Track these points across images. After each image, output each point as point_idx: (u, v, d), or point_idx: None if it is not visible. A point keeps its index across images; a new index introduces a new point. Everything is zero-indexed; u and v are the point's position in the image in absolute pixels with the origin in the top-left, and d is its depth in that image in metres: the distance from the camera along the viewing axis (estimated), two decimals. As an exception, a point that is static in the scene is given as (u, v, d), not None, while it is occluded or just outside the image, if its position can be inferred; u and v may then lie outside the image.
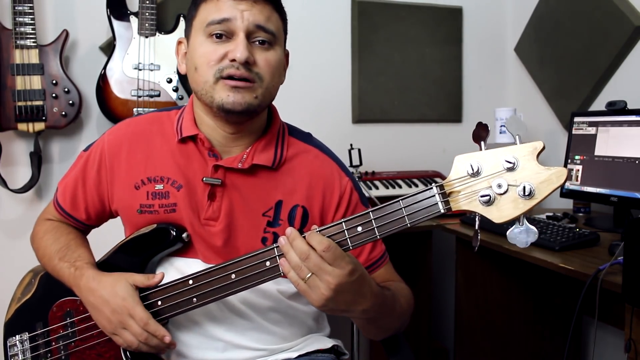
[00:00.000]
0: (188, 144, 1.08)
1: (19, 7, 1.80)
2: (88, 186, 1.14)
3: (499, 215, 0.80)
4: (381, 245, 1.14)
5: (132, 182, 1.09)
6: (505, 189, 0.79)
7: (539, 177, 0.78)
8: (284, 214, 1.07)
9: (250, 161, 1.06)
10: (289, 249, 0.87)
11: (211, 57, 0.98)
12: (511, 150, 0.80)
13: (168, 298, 1.01)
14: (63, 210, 1.17)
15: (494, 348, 2.00)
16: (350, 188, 1.12)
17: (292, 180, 1.09)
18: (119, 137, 1.13)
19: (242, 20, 0.98)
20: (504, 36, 2.57)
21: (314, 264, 0.84)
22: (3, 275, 1.95)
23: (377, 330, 1.08)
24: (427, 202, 0.84)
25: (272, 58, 1.01)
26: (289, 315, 1.13)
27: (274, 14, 1.02)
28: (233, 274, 0.95)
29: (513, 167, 0.79)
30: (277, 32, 1.02)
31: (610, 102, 1.78)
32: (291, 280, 0.87)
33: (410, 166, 2.37)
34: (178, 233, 1.06)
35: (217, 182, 1.05)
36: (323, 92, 2.32)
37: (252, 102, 0.99)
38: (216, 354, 1.08)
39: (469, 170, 0.81)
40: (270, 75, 1.01)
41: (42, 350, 1.12)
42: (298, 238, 0.86)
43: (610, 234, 1.63)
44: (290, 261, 0.86)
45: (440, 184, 0.83)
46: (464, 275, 1.97)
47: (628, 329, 1.17)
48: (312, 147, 1.14)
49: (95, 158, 1.13)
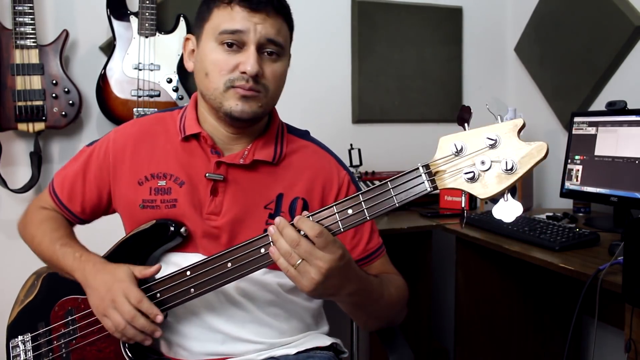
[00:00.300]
0: (191, 141, 1.12)
1: (19, 7, 1.80)
2: (88, 181, 1.17)
3: (484, 192, 0.82)
4: (378, 238, 1.18)
5: (135, 178, 1.12)
6: (488, 166, 0.81)
7: (520, 153, 0.80)
8: (285, 206, 1.11)
9: (252, 157, 1.10)
10: (278, 237, 0.88)
11: (223, 67, 1.02)
12: (493, 128, 0.82)
13: (167, 290, 1.03)
14: (59, 200, 1.20)
15: (494, 348, 2.00)
16: (348, 180, 1.17)
17: (292, 174, 1.13)
18: (125, 137, 1.16)
19: (254, 34, 1.01)
20: (504, 36, 2.57)
21: (304, 250, 0.86)
22: (3, 275, 1.95)
23: (367, 317, 1.10)
24: (414, 182, 0.86)
25: (279, 69, 1.06)
26: (288, 310, 1.15)
27: (284, 26, 1.06)
28: (229, 262, 0.97)
29: (495, 144, 0.81)
30: (285, 43, 1.07)
31: (610, 102, 1.78)
32: (281, 267, 0.89)
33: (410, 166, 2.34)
34: (176, 228, 1.08)
35: (219, 177, 1.09)
36: (323, 92, 2.32)
37: (257, 111, 1.04)
38: (215, 346, 1.10)
39: (453, 149, 0.83)
40: (275, 86, 1.06)
41: (43, 349, 1.13)
42: (287, 226, 0.88)
43: (610, 234, 1.62)
44: (280, 248, 0.88)
45: (426, 163, 0.86)
46: (464, 275, 1.97)
47: (628, 329, 1.17)
48: (310, 143, 1.19)
49: (99, 155, 1.17)
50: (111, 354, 1.09)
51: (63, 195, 1.20)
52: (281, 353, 1.13)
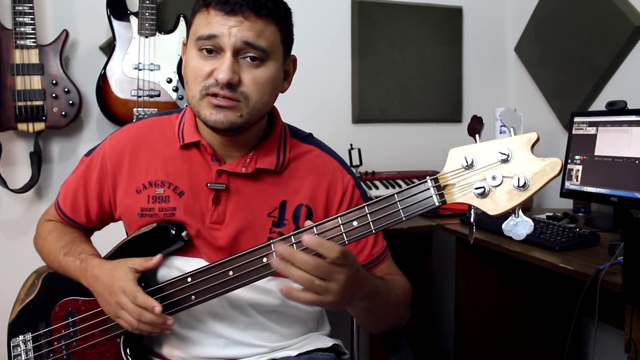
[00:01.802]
0: (191, 149, 1.09)
1: (19, 7, 1.80)
2: (89, 191, 1.15)
3: (494, 208, 0.79)
4: (382, 241, 1.15)
5: (134, 186, 1.10)
6: (499, 181, 0.79)
7: (533, 168, 0.77)
8: (288, 213, 1.08)
9: (254, 165, 1.06)
10: (287, 267, 0.84)
11: (198, 73, 0.97)
12: (505, 142, 0.79)
13: (167, 295, 1.01)
14: (64, 214, 1.18)
15: (494, 348, 2.00)
16: (353, 185, 1.13)
17: (295, 181, 1.09)
18: (121, 143, 1.13)
19: (229, 37, 0.94)
20: (504, 36, 2.57)
21: (324, 271, 0.83)
22: (3, 275, 1.95)
23: (376, 321, 1.09)
24: (422, 196, 0.84)
25: (261, 75, 0.98)
26: (290, 315, 1.14)
27: (269, 28, 0.97)
28: (231, 270, 0.95)
29: (507, 159, 0.78)
30: (271, 46, 0.98)
31: (610, 102, 1.78)
32: (298, 299, 0.86)
33: (410, 166, 2.37)
34: (177, 232, 1.06)
35: (221, 187, 1.06)
36: (323, 92, 2.31)
37: (235, 121, 0.97)
38: (217, 350, 1.09)
39: (463, 162, 0.81)
40: (258, 94, 0.98)
41: (44, 350, 1.13)
42: (297, 253, 0.84)
43: (610, 234, 1.62)
44: (292, 276, 0.84)
45: (435, 177, 0.83)
46: (464, 275, 1.97)
47: (628, 329, 1.17)
48: (314, 147, 1.15)
49: (96, 164, 1.13)
50: (112, 358, 1.08)
51: (67, 208, 1.17)
52: (282, 355, 1.13)
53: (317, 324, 1.21)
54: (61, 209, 1.18)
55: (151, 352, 1.13)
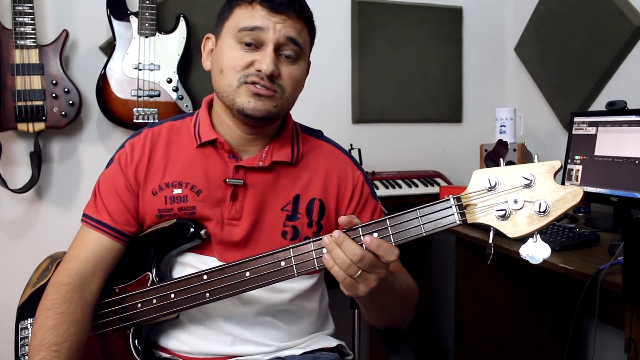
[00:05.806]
0: (207, 148, 1.11)
1: (19, 7, 1.80)
2: (123, 198, 1.11)
3: (514, 231, 0.82)
4: None
5: (149, 189, 1.11)
6: (521, 205, 0.81)
7: (555, 195, 0.79)
8: (302, 207, 1.12)
9: (270, 158, 1.10)
10: (334, 247, 0.88)
11: (238, 63, 1.02)
12: (529, 167, 0.82)
13: (182, 291, 1.03)
14: (105, 225, 1.10)
15: (494, 348, 2.00)
16: (362, 181, 1.18)
17: (308, 175, 1.13)
18: (140, 148, 1.12)
19: (273, 32, 1.01)
20: (504, 36, 2.57)
21: (368, 263, 0.87)
22: (3, 275, 1.95)
23: (379, 312, 1.09)
24: (443, 213, 0.86)
25: (296, 72, 1.06)
26: (298, 313, 1.15)
27: (305, 30, 1.07)
28: (247, 271, 0.97)
29: (530, 184, 0.81)
30: (305, 46, 1.07)
31: (610, 102, 1.78)
32: (335, 275, 0.89)
33: (410, 166, 2.37)
34: (197, 229, 1.08)
35: (239, 182, 1.09)
36: (323, 92, 2.31)
37: (271, 110, 1.03)
38: (224, 347, 1.10)
39: (487, 184, 0.83)
40: (291, 88, 1.05)
41: None
42: (347, 240, 0.88)
43: (610, 234, 1.62)
44: (336, 259, 0.88)
45: (458, 196, 0.85)
46: (464, 275, 1.97)
47: (628, 329, 1.17)
48: (325, 143, 1.20)
49: (120, 172, 1.11)
50: (120, 347, 1.09)
51: (103, 217, 1.10)
52: (287, 354, 1.14)
53: (322, 321, 1.23)
54: (99, 221, 1.10)
55: (158, 347, 1.13)
